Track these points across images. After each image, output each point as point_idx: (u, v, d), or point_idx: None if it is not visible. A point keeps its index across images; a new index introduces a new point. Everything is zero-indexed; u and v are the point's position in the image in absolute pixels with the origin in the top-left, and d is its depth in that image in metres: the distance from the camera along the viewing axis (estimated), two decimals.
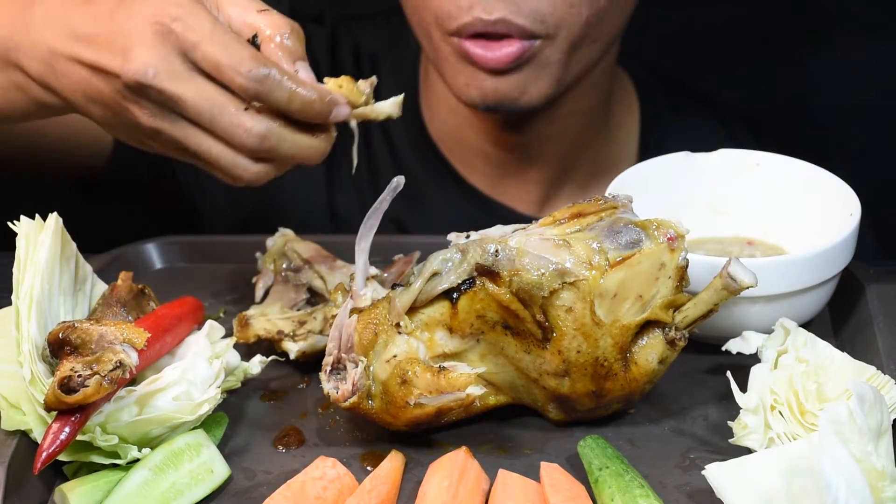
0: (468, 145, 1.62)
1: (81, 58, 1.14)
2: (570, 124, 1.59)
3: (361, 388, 1.13)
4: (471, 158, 1.63)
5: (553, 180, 1.64)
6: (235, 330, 1.27)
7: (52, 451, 1.04)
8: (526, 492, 1.08)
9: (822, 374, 1.14)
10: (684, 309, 1.15)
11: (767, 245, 1.36)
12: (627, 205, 1.15)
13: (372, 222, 1.16)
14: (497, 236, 1.14)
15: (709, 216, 1.37)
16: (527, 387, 1.17)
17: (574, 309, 1.11)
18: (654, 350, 1.15)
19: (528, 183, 1.64)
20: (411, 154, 1.65)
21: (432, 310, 1.14)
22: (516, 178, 1.63)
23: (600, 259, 1.11)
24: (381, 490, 1.09)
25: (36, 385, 1.09)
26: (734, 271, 1.13)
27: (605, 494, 1.07)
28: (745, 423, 1.13)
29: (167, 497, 1.08)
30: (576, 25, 1.42)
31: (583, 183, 1.66)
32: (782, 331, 1.18)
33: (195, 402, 1.14)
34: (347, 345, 1.14)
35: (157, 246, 1.46)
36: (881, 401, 1.05)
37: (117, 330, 1.10)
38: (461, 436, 1.18)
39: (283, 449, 1.17)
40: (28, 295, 1.13)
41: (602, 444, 1.12)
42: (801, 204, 1.35)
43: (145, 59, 1.10)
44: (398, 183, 1.15)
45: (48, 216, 1.18)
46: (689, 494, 1.10)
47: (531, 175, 1.63)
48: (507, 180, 1.63)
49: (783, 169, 1.37)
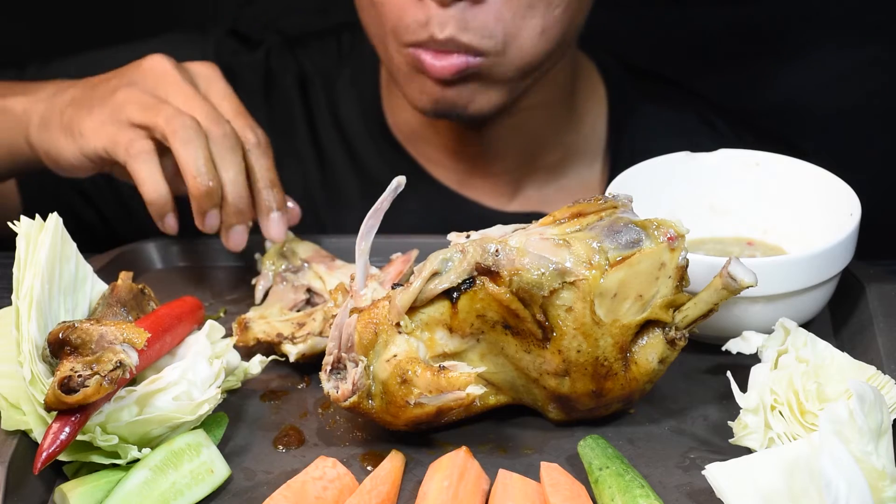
0: (432, 144, 1.64)
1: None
2: (531, 117, 1.60)
3: (361, 388, 1.13)
4: (436, 156, 1.65)
5: (520, 172, 1.65)
6: (235, 333, 1.27)
7: (52, 451, 1.04)
8: (526, 492, 1.08)
9: (822, 374, 1.14)
10: (684, 309, 1.15)
11: (767, 245, 1.36)
12: (627, 204, 1.15)
13: (372, 223, 1.16)
14: (497, 236, 1.14)
15: (709, 216, 1.37)
16: (527, 386, 1.17)
17: (574, 308, 1.11)
18: (654, 350, 1.15)
19: (494, 176, 1.65)
20: (376, 155, 1.66)
21: (432, 309, 1.14)
22: (483, 172, 1.64)
23: (600, 259, 1.11)
24: (381, 490, 1.09)
25: (36, 385, 1.09)
26: (734, 271, 1.13)
27: (605, 494, 1.07)
28: (745, 423, 1.13)
29: (167, 497, 1.08)
30: (528, 39, 1.43)
31: (551, 171, 1.66)
32: (782, 331, 1.18)
33: (195, 402, 1.14)
34: (347, 344, 1.14)
35: (157, 246, 1.46)
36: (881, 401, 1.05)
37: (117, 330, 1.10)
38: (461, 436, 1.18)
39: (283, 449, 1.17)
40: (28, 295, 1.13)
41: (602, 444, 1.12)
42: (801, 204, 1.35)
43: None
44: (398, 184, 1.15)
45: (48, 216, 1.18)
46: (689, 494, 1.10)
47: (497, 168, 1.64)
48: (475, 175, 1.65)
49: (783, 169, 1.37)
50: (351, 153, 1.68)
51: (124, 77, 1.35)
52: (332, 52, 1.71)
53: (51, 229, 1.17)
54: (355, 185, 1.67)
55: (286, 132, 1.67)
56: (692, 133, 1.68)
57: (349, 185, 1.67)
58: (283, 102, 1.69)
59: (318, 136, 1.68)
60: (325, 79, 1.70)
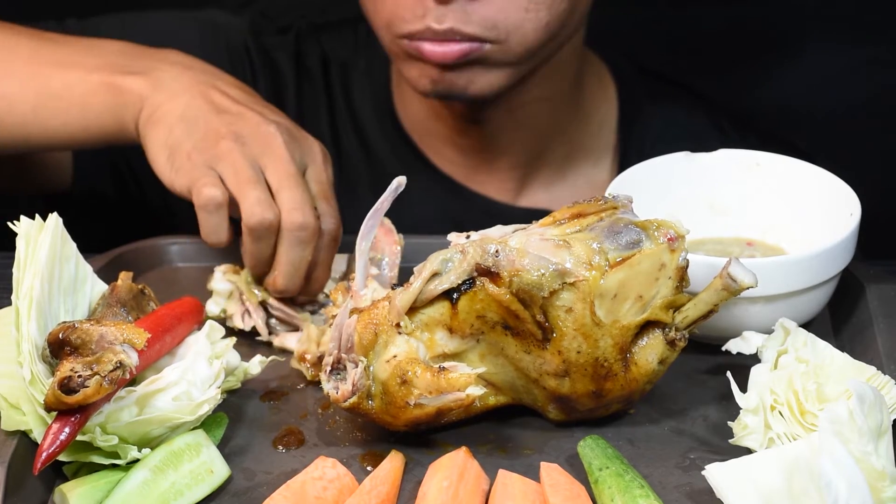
0: (439, 136, 1.64)
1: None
2: (536, 111, 1.60)
3: (361, 389, 1.13)
4: (443, 149, 1.65)
5: (526, 167, 1.65)
6: (311, 373, 1.25)
7: (52, 451, 1.04)
8: (526, 492, 1.08)
9: (822, 374, 1.14)
10: (684, 309, 1.15)
11: (767, 245, 1.36)
12: (627, 205, 1.15)
13: (372, 223, 1.16)
14: (497, 236, 1.14)
15: (709, 216, 1.37)
16: (527, 387, 1.17)
17: (574, 309, 1.11)
18: (654, 350, 1.15)
19: (501, 171, 1.65)
20: (385, 146, 1.67)
21: (432, 310, 1.13)
22: (489, 166, 1.65)
23: (600, 259, 1.11)
24: (381, 490, 1.09)
25: (36, 385, 1.09)
26: (734, 271, 1.13)
27: (605, 495, 1.07)
28: (745, 423, 1.13)
29: (167, 497, 1.08)
30: (533, 30, 1.43)
31: (558, 168, 1.66)
32: (782, 331, 1.18)
33: (195, 403, 1.14)
34: (347, 345, 1.14)
35: (157, 246, 1.46)
36: (881, 401, 1.05)
37: (117, 330, 1.10)
38: (461, 436, 1.18)
39: (283, 449, 1.17)
40: (28, 295, 1.13)
41: (602, 444, 1.12)
42: (801, 204, 1.35)
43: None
44: (399, 184, 1.15)
45: (48, 216, 1.18)
46: (689, 494, 1.10)
47: (503, 163, 1.64)
48: (481, 169, 1.65)
49: (783, 169, 1.37)
50: (363, 142, 1.68)
51: (236, 124, 1.32)
52: (349, 42, 1.71)
53: (51, 229, 1.17)
54: (366, 174, 1.67)
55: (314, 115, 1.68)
56: (700, 135, 1.68)
57: (360, 174, 1.68)
58: (310, 85, 1.69)
59: (335, 122, 1.69)
60: (342, 67, 1.70)
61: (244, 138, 1.30)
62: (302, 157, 1.32)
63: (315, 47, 1.71)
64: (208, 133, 1.31)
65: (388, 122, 1.67)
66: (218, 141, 1.30)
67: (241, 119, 1.32)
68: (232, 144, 1.29)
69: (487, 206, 1.64)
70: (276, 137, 1.30)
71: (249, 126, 1.31)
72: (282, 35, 1.71)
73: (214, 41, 1.66)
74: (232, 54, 1.66)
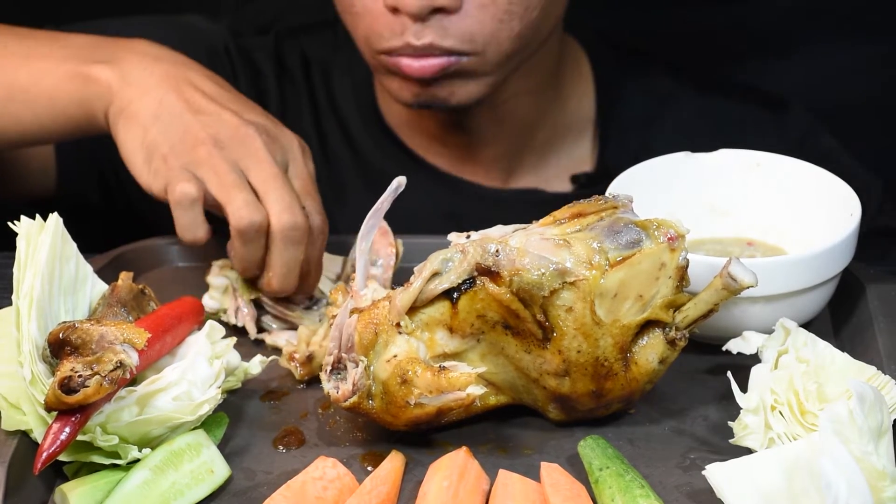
0: (424, 131, 1.65)
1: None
2: (519, 104, 1.61)
3: (362, 388, 1.13)
4: (429, 143, 1.66)
5: (512, 154, 1.66)
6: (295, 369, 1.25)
7: (52, 451, 1.04)
8: (526, 492, 1.08)
9: (822, 374, 1.14)
10: (684, 309, 1.15)
11: (767, 245, 1.36)
12: (628, 205, 1.15)
13: (372, 223, 1.16)
14: (497, 236, 1.14)
15: (709, 216, 1.37)
16: (527, 387, 1.17)
17: (574, 309, 1.11)
18: (654, 350, 1.15)
19: (488, 161, 1.66)
20: (370, 142, 1.68)
21: (433, 309, 1.14)
22: (475, 157, 1.66)
23: (600, 259, 1.11)
24: (382, 490, 1.09)
25: (36, 385, 1.09)
26: (734, 271, 1.13)
27: (605, 494, 1.07)
28: (745, 423, 1.13)
29: (167, 497, 1.08)
30: (507, 40, 1.45)
31: (542, 150, 1.68)
32: (782, 331, 1.18)
33: (195, 403, 1.14)
34: (348, 345, 1.14)
35: (157, 246, 1.46)
36: (881, 401, 1.05)
37: (117, 330, 1.10)
38: (461, 436, 1.18)
39: (284, 449, 1.17)
40: (28, 295, 1.13)
41: (602, 444, 1.12)
42: (801, 204, 1.35)
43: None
44: (399, 184, 1.15)
45: (48, 216, 1.18)
46: (689, 494, 1.10)
47: (489, 154, 1.66)
48: (468, 160, 1.66)
49: (783, 169, 1.37)
50: (348, 140, 1.69)
51: (213, 126, 1.30)
52: (329, 42, 1.72)
53: (51, 229, 1.17)
54: (353, 171, 1.68)
55: (298, 115, 1.69)
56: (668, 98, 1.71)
57: (347, 172, 1.68)
58: (292, 85, 1.70)
59: (319, 122, 1.69)
60: (323, 66, 1.71)
61: (223, 142, 1.29)
62: (283, 155, 1.32)
63: (295, 48, 1.71)
64: (186, 136, 1.29)
65: (373, 119, 1.68)
66: (196, 146, 1.29)
67: (218, 121, 1.30)
68: (211, 149, 1.28)
69: (479, 192, 1.66)
70: (255, 139, 1.29)
71: (228, 129, 1.30)
72: (262, 37, 1.72)
73: (194, 44, 1.65)
74: (212, 57, 1.66)
